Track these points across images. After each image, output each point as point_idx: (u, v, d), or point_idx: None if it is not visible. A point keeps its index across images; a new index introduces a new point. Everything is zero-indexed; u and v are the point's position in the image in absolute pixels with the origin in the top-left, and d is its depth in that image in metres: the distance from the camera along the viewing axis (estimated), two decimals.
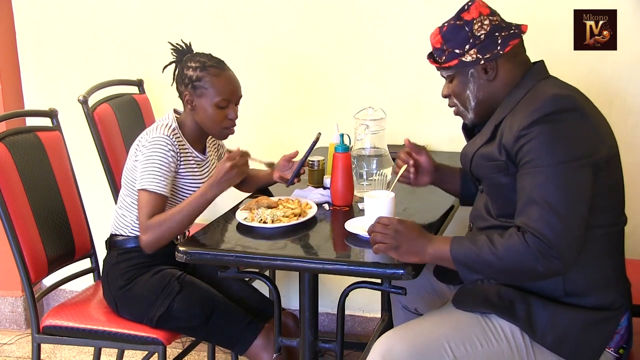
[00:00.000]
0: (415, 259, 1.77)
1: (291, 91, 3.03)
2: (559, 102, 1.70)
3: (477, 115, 1.90)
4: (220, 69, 2.25)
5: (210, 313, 2.18)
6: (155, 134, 2.20)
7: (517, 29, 1.85)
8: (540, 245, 1.64)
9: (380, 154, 2.33)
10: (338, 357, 2.04)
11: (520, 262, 1.67)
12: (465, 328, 1.79)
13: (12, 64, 3.26)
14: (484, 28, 1.82)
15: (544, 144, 1.67)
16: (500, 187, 1.80)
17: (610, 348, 1.80)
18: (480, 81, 1.85)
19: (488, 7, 1.86)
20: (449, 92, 1.92)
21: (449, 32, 1.85)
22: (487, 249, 1.69)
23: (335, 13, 2.91)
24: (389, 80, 2.89)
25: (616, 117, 2.70)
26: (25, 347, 3.21)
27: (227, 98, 2.23)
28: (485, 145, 1.84)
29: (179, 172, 2.23)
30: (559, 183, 1.66)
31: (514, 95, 1.82)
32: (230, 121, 2.26)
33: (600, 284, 1.77)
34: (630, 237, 2.62)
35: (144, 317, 2.21)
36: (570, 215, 1.65)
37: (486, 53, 1.81)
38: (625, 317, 1.81)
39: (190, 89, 2.23)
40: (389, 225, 1.78)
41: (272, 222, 2.04)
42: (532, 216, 1.66)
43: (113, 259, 2.30)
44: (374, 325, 3.08)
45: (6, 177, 2.24)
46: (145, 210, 2.15)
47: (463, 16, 1.83)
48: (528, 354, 1.78)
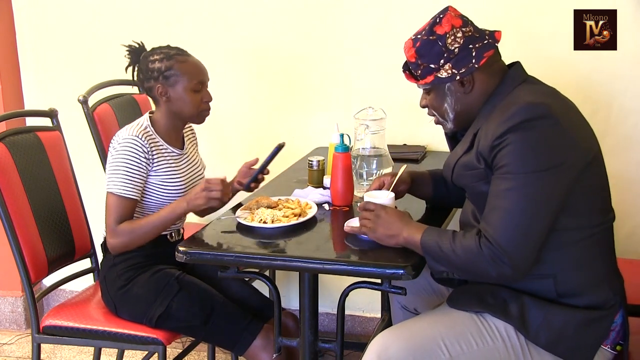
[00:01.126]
0: (392, 242, 1.86)
1: (291, 91, 3.03)
2: (531, 110, 1.71)
3: (457, 125, 1.92)
4: (186, 55, 2.28)
5: (210, 313, 2.17)
6: (125, 135, 2.21)
7: (491, 37, 1.85)
8: (493, 251, 1.68)
9: (380, 154, 2.33)
10: (338, 357, 2.04)
11: (474, 264, 1.72)
12: (461, 327, 1.80)
13: (12, 64, 3.26)
14: (457, 41, 1.82)
15: (514, 152, 1.69)
16: (482, 195, 1.81)
17: (607, 345, 1.80)
18: (457, 94, 1.86)
19: (460, 17, 1.86)
20: (427, 104, 1.94)
21: (422, 47, 1.85)
22: (448, 244, 1.75)
23: (335, 13, 2.91)
24: (389, 80, 2.89)
25: (616, 117, 2.71)
26: (25, 347, 3.21)
27: (201, 80, 2.26)
28: (465, 155, 1.86)
29: (155, 169, 2.23)
30: (524, 191, 1.68)
31: (491, 103, 1.84)
32: (206, 104, 2.29)
33: (592, 284, 1.78)
34: (630, 238, 2.62)
35: (144, 317, 2.21)
36: (528, 224, 1.68)
37: (461, 67, 1.82)
38: (620, 314, 1.81)
39: (162, 80, 2.24)
40: (374, 210, 1.88)
41: (272, 222, 2.04)
42: (491, 222, 1.70)
43: (110, 261, 2.29)
44: (374, 325, 3.08)
45: (6, 177, 2.24)
46: (114, 214, 2.18)
47: (436, 30, 1.83)
48: (524, 353, 1.78)
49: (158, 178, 2.24)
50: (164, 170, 2.25)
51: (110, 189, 2.18)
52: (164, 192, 2.25)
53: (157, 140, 2.26)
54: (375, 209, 1.88)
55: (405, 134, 2.88)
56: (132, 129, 2.22)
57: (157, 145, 2.26)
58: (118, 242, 2.19)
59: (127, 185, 2.17)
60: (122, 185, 2.17)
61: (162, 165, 2.24)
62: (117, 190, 2.17)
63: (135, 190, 2.19)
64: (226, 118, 3.10)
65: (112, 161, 2.19)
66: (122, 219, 2.18)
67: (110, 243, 2.20)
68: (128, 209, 2.19)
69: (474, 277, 1.82)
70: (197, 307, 2.18)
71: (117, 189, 2.17)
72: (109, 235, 2.19)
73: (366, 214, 1.89)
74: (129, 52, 2.33)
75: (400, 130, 2.80)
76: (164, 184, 2.25)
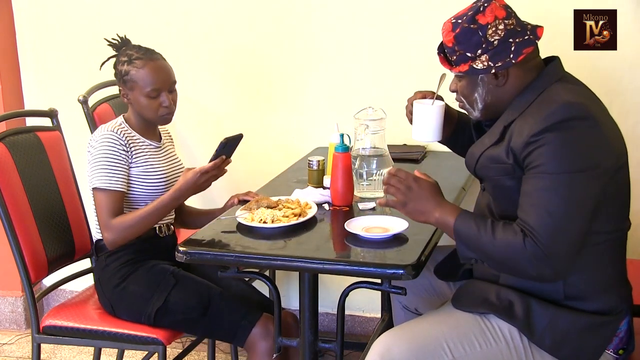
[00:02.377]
0: (421, 219, 1.81)
1: (291, 91, 3.03)
2: (570, 109, 1.68)
3: (484, 116, 1.88)
4: (146, 60, 2.26)
5: (207, 304, 2.17)
6: (100, 132, 2.24)
7: (533, 33, 1.79)
8: (537, 251, 1.64)
9: (380, 154, 2.33)
10: (338, 357, 2.03)
11: (513, 260, 1.68)
12: (464, 328, 1.79)
13: (12, 64, 3.25)
14: (498, 33, 1.76)
15: (552, 152, 1.66)
16: (505, 189, 1.79)
17: (610, 350, 1.79)
18: (490, 86, 1.81)
19: (505, 8, 1.79)
20: (456, 89, 1.89)
21: (462, 34, 1.78)
22: (488, 235, 1.70)
23: (335, 12, 2.91)
24: (389, 80, 2.89)
25: (616, 117, 2.67)
26: (25, 347, 3.21)
27: (155, 88, 2.25)
28: (493, 147, 1.81)
29: (134, 161, 2.25)
30: (562, 192, 1.65)
31: (525, 97, 1.79)
32: (165, 108, 2.28)
33: (601, 289, 1.77)
34: (631, 238, 2.62)
35: (142, 314, 2.21)
36: (568, 226, 1.65)
37: (498, 61, 1.77)
38: (625, 321, 1.81)
39: (122, 84, 2.28)
40: (404, 181, 1.80)
41: (272, 222, 2.04)
42: (532, 221, 1.66)
43: (102, 262, 2.30)
44: (374, 325, 3.08)
45: (6, 177, 2.24)
46: (104, 209, 2.18)
47: (478, 19, 1.77)
48: (527, 355, 1.77)
49: (139, 169, 2.26)
50: (143, 161, 2.27)
51: (95, 185, 2.19)
52: (146, 183, 2.27)
53: (132, 134, 2.29)
54: (405, 178, 1.81)
55: (405, 134, 2.87)
56: (106, 127, 2.26)
57: (134, 138, 2.29)
58: (115, 237, 2.19)
59: (110, 178, 2.19)
60: (106, 178, 2.18)
61: (141, 157, 2.27)
62: (101, 185, 2.18)
63: (120, 182, 2.20)
64: (226, 118, 3.10)
65: (92, 159, 2.21)
66: (114, 213, 2.18)
67: (108, 238, 2.20)
68: (117, 201, 2.20)
69: (508, 271, 1.78)
70: (194, 299, 2.18)
71: (101, 183, 2.18)
72: (105, 230, 2.19)
73: (395, 182, 1.81)
74: (110, 45, 2.33)
75: (400, 130, 2.79)
76: (145, 175, 2.26)
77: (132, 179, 2.25)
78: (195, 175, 2.17)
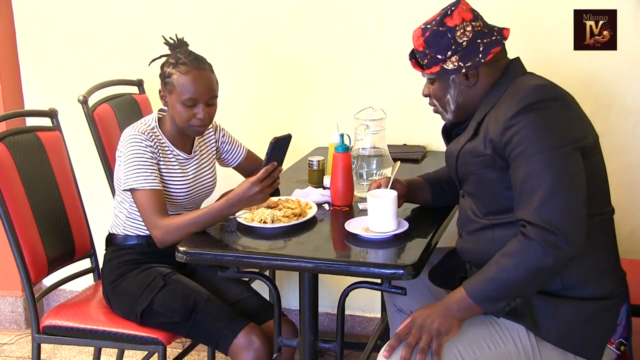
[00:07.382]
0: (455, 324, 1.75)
1: (291, 91, 3.03)
2: (542, 91, 1.74)
3: (456, 117, 1.94)
4: (190, 67, 2.19)
5: (192, 310, 2.15)
6: (129, 133, 2.22)
7: (499, 34, 1.87)
8: (544, 234, 1.64)
9: (380, 154, 2.33)
10: (338, 357, 2.04)
11: (531, 262, 1.66)
12: (473, 331, 1.79)
13: (12, 64, 3.25)
14: (466, 35, 1.84)
15: (533, 133, 1.70)
16: (487, 183, 1.81)
17: (613, 344, 1.81)
18: (461, 87, 1.88)
19: (472, 11, 1.88)
20: (429, 93, 1.96)
21: (431, 37, 1.86)
22: (497, 268, 1.70)
23: (335, 12, 2.91)
24: (389, 80, 2.89)
25: (616, 117, 2.71)
26: (25, 347, 3.21)
27: (192, 97, 2.19)
28: (469, 142, 1.86)
29: (160, 168, 2.23)
30: (555, 168, 1.67)
31: (494, 93, 1.85)
32: (198, 120, 2.22)
33: (595, 274, 1.79)
34: (631, 237, 2.61)
35: (131, 312, 2.21)
36: (573, 197, 1.67)
37: (467, 61, 1.84)
38: (624, 308, 1.83)
39: (163, 85, 2.25)
40: (411, 326, 1.76)
41: (272, 222, 2.04)
42: (534, 206, 1.66)
43: (108, 255, 2.33)
44: (374, 325, 3.08)
45: (6, 177, 2.24)
46: (148, 208, 2.14)
47: (446, 22, 1.85)
48: (534, 353, 1.78)
49: (161, 177, 2.24)
50: (166, 171, 2.25)
51: (131, 186, 2.16)
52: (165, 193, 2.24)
53: (163, 141, 2.26)
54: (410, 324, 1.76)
55: (405, 134, 2.88)
56: (136, 127, 2.23)
57: (163, 145, 2.26)
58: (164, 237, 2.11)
59: (147, 177, 2.16)
60: (142, 178, 2.16)
61: (164, 167, 2.24)
62: (138, 185, 2.15)
63: (157, 181, 2.18)
64: (225, 118, 3.09)
65: (124, 160, 2.18)
66: (159, 211, 2.14)
67: (157, 237, 2.13)
68: (159, 199, 2.16)
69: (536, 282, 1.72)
70: (178, 303, 2.16)
71: (139, 183, 2.15)
72: (153, 229, 2.14)
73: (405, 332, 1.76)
74: (166, 44, 2.30)
75: (400, 130, 2.80)
76: (165, 185, 2.24)
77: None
78: (247, 186, 2.05)
